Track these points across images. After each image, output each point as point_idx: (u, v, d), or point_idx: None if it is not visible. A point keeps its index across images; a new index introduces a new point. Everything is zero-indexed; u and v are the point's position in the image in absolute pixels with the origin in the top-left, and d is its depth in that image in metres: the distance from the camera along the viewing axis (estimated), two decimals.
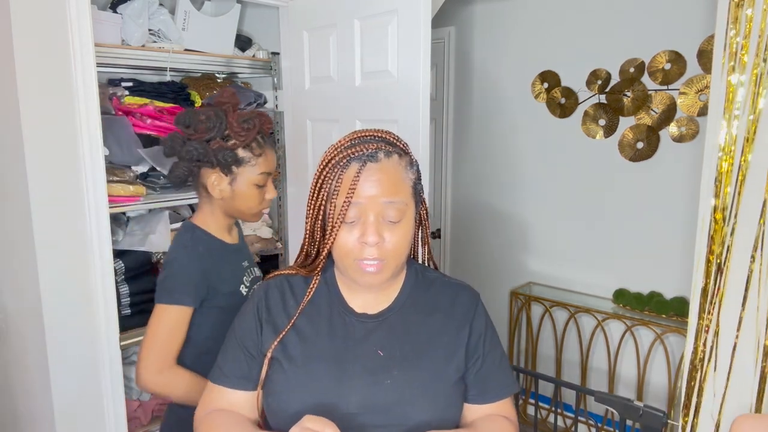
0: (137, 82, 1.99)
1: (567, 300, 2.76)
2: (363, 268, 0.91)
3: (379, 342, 0.97)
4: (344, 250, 0.92)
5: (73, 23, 1.53)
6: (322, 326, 0.99)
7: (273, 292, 1.03)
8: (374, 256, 0.90)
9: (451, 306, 1.02)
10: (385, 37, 1.75)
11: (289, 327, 0.98)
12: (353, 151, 0.90)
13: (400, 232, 0.91)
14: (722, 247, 1.41)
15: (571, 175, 2.80)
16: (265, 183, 1.33)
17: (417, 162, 1.00)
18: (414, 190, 0.96)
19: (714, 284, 1.44)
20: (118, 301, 1.72)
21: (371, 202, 0.89)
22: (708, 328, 1.46)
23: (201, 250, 1.30)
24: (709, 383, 1.47)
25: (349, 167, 0.90)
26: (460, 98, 3.21)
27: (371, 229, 0.89)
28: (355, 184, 0.89)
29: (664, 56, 2.43)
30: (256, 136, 1.28)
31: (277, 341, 0.98)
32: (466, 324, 1.00)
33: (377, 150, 0.92)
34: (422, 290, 1.03)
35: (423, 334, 0.99)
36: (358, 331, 0.98)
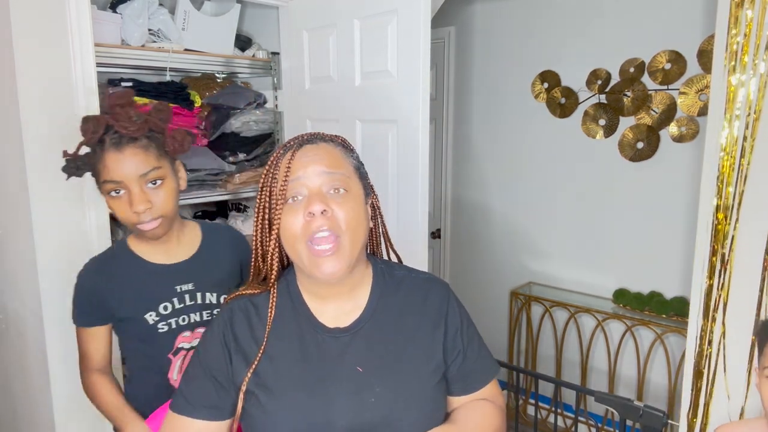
0: (137, 82, 1.99)
1: (567, 300, 2.76)
2: (317, 254, 0.85)
3: (356, 358, 0.91)
4: (291, 233, 0.86)
5: (73, 23, 1.53)
6: (294, 348, 0.92)
7: (237, 316, 0.95)
8: (324, 227, 0.84)
9: (423, 304, 0.98)
10: (385, 37, 1.75)
11: (260, 355, 0.91)
12: (288, 143, 0.92)
13: (348, 204, 0.87)
14: (725, 246, 1.41)
15: (571, 175, 2.80)
16: (118, 191, 1.14)
17: (357, 154, 0.98)
18: (358, 172, 0.94)
19: (717, 284, 1.44)
20: None
21: (311, 174, 0.86)
22: (713, 327, 1.46)
23: (98, 272, 1.23)
24: (720, 384, 1.47)
25: (287, 152, 0.90)
26: (460, 98, 3.21)
27: (316, 197, 0.85)
28: (291, 162, 0.87)
29: (664, 56, 2.43)
30: (94, 138, 1.13)
31: (249, 373, 0.90)
32: (441, 321, 0.97)
33: (315, 137, 0.93)
34: (391, 292, 0.98)
35: (399, 340, 0.94)
36: (333, 348, 0.92)
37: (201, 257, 1.30)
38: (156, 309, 1.23)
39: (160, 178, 1.16)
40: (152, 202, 1.14)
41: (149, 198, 1.14)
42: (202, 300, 1.28)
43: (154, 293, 1.24)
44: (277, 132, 2.29)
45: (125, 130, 1.12)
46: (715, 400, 1.47)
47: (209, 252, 1.31)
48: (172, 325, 1.25)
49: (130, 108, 1.16)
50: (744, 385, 1.43)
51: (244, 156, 2.20)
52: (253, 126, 2.20)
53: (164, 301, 1.24)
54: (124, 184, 1.12)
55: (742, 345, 1.43)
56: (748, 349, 1.42)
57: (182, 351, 1.27)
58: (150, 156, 1.15)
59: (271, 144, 2.28)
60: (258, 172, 2.23)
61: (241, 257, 1.36)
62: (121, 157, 1.12)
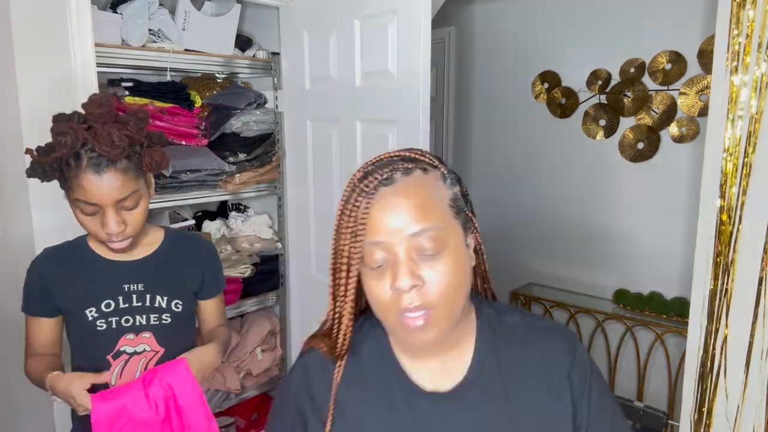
0: (137, 82, 1.99)
1: (567, 300, 2.76)
2: (407, 324, 0.70)
3: (458, 427, 0.75)
4: (378, 305, 0.73)
5: (73, 23, 1.53)
6: (383, 412, 0.77)
7: (314, 371, 0.81)
8: (416, 304, 0.69)
9: (543, 362, 0.79)
10: (385, 37, 1.75)
11: (331, 413, 0.77)
12: (365, 184, 0.71)
13: (443, 267, 0.70)
14: (729, 247, 1.41)
15: (572, 175, 2.80)
16: (91, 212, 1.10)
17: (456, 176, 0.78)
18: (454, 208, 0.74)
19: (721, 285, 1.44)
20: None
21: (394, 238, 0.70)
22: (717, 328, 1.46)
23: (48, 260, 1.21)
24: (721, 385, 1.47)
25: (359, 202, 0.71)
26: (460, 98, 3.21)
27: (401, 271, 0.69)
28: (365, 217, 0.70)
29: (665, 56, 2.43)
30: (69, 154, 1.06)
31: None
32: (565, 381, 0.78)
33: (393, 171, 0.72)
34: (503, 345, 0.80)
35: (516, 405, 0.76)
36: (432, 418, 0.76)
37: (156, 258, 1.26)
38: (98, 305, 1.19)
39: (135, 202, 1.14)
40: (126, 223, 1.12)
41: (124, 220, 1.12)
42: (152, 302, 1.23)
43: (98, 289, 1.20)
44: (277, 132, 2.29)
45: (107, 155, 1.07)
46: (717, 401, 1.47)
47: (166, 255, 1.27)
48: (113, 324, 1.20)
49: (111, 126, 1.09)
50: (741, 385, 1.43)
51: (245, 156, 2.20)
52: (254, 126, 2.20)
53: (108, 298, 1.20)
54: (100, 206, 1.09)
55: (741, 345, 1.43)
56: (747, 349, 1.42)
57: (124, 355, 1.21)
58: (128, 179, 1.11)
59: (272, 144, 2.28)
60: (258, 172, 2.23)
61: (205, 269, 1.33)
62: (100, 181, 1.07)
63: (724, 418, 1.46)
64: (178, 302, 1.27)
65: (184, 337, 1.30)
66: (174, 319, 1.26)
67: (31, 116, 1.51)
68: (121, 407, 1.07)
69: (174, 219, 2.24)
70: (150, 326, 1.23)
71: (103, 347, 1.19)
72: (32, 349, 1.24)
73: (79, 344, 1.23)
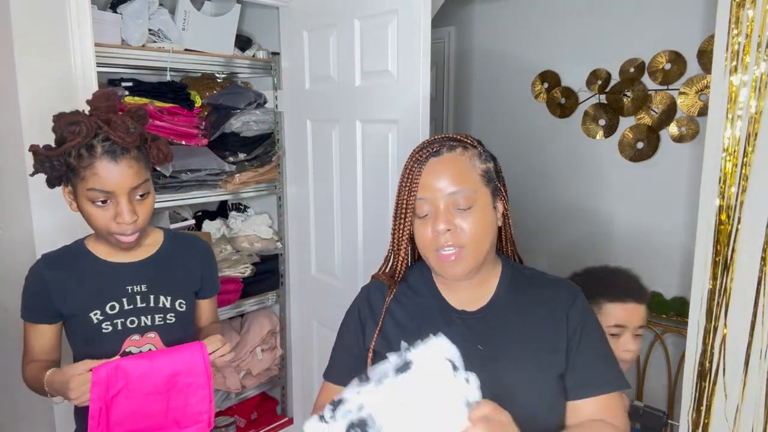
0: (137, 82, 1.99)
1: None
2: (443, 259, 0.95)
3: (478, 338, 0.98)
4: (422, 244, 0.98)
5: (73, 23, 1.53)
6: (423, 320, 1.02)
7: (374, 293, 1.09)
8: (450, 243, 0.93)
9: (551, 300, 1.01)
10: (385, 37, 1.75)
11: (382, 319, 1.03)
12: (420, 154, 0.97)
13: (472, 218, 0.94)
14: (728, 247, 1.41)
15: (571, 175, 2.80)
16: (104, 200, 1.10)
17: (492, 156, 1.03)
18: (485, 177, 0.98)
19: (720, 284, 1.44)
20: None
21: (437, 194, 0.94)
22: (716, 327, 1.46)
23: (47, 266, 1.20)
24: (719, 384, 1.47)
25: (415, 167, 0.97)
26: (460, 98, 3.21)
27: (440, 218, 0.93)
28: (417, 178, 0.95)
29: (664, 56, 2.43)
30: (84, 143, 1.08)
31: (377, 333, 1.03)
32: (563, 317, 0.99)
33: (441, 146, 0.97)
34: (520, 288, 1.03)
35: (523, 332, 0.98)
36: (458, 326, 1.00)
37: (157, 259, 1.26)
38: (102, 308, 1.19)
39: (147, 190, 1.15)
40: (137, 214, 1.13)
41: (135, 210, 1.12)
42: (155, 303, 1.23)
43: (102, 291, 1.20)
44: (277, 132, 2.29)
45: (122, 141, 1.09)
46: (716, 400, 1.47)
47: (167, 255, 1.28)
48: (118, 326, 1.20)
49: (127, 116, 1.13)
50: (741, 384, 1.43)
51: (244, 156, 2.20)
52: (253, 126, 2.20)
53: (112, 300, 1.20)
54: (115, 194, 1.10)
55: (740, 345, 1.43)
56: (746, 348, 1.42)
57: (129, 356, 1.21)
58: (141, 167, 1.13)
59: (271, 144, 2.28)
60: (258, 171, 2.23)
61: (204, 268, 1.34)
62: (116, 167, 1.08)
63: (722, 417, 1.46)
64: (182, 302, 1.27)
65: (187, 336, 1.30)
66: (178, 318, 1.26)
67: (31, 116, 1.51)
68: (123, 371, 1.07)
69: (174, 219, 2.24)
70: (155, 326, 1.23)
71: (109, 349, 1.19)
72: (31, 356, 1.23)
73: (84, 347, 1.22)
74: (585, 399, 0.97)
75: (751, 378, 1.41)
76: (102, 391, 1.06)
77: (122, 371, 1.08)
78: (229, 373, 2.26)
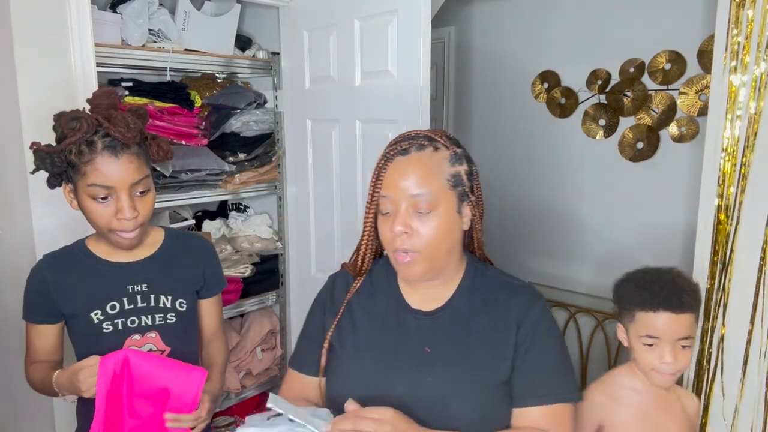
0: (137, 82, 1.99)
1: (567, 300, 2.76)
2: (398, 259, 0.95)
3: (428, 339, 0.98)
4: (383, 242, 0.99)
5: (73, 23, 1.53)
6: (377, 318, 1.04)
7: (339, 284, 1.11)
8: (404, 247, 0.93)
9: (506, 305, 0.99)
10: (385, 37, 1.75)
11: (339, 315, 1.05)
12: (390, 149, 0.97)
13: (431, 223, 0.92)
14: (726, 247, 1.41)
15: (571, 175, 2.80)
16: (105, 196, 1.10)
17: (467, 157, 1.00)
18: (452, 181, 0.95)
19: (719, 284, 1.44)
20: None
21: (399, 194, 0.93)
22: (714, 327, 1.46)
23: (47, 266, 1.20)
24: (717, 384, 1.47)
25: (382, 163, 0.96)
26: (460, 98, 3.21)
27: (398, 219, 0.93)
28: (383, 175, 0.95)
29: (664, 56, 2.43)
30: (84, 138, 1.08)
31: (332, 327, 1.04)
32: (514, 324, 0.97)
33: (411, 145, 0.95)
34: (479, 289, 1.02)
35: (473, 333, 0.98)
36: (410, 326, 1.01)
37: (158, 258, 1.26)
38: (103, 308, 1.19)
39: (148, 186, 1.16)
40: (138, 211, 1.13)
41: (136, 206, 1.13)
42: (156, 302, 1.23)
43: (102, 291, 1.20)
44: (277, 132, 2.29)
45: (122, 137, 1.09)
46: (715, 400, 1.47)
47: (168, 254, 1.28)
48: (119, 326, 1.20)
49: (127, 113, 1.14)
50: (739, 384, 1.43)
51: (244, 156, 2.20)
52: (253, 126, 2.20)
53: (113, 300, 1.20)
54: (115, 190, 1.10)
55: (738, 344, 1.43)
56: (744, 348, 1.42)
57: None
58: (142, 163, 1.14)
59: (271, 144, 2.28)
60: (258, 171, 2.23)
61: (205, 267, 1.33)
62: (117, 162, 1.09)
63: (720, 417, 1.47)
64: (182, 301, 1.26)
65: (188, 336, 1.30)
66: (179, 318, 1.26)
67: (32, 117, 1.51)
68: (127, 367, 1.08)
69: (174, 219, 2.24)
70: (155, 326, 1.23)
71: (109, 349, 1.17)
72: (34, 357, 1.23)
73: (85, 347, 1.22)
74: (527, 408, 0.95)
75: (750, 377, 1.41)
76: (108, 382, 1.06)
77: (126, 367, 1.08)
78: (229, 373, 2.26)
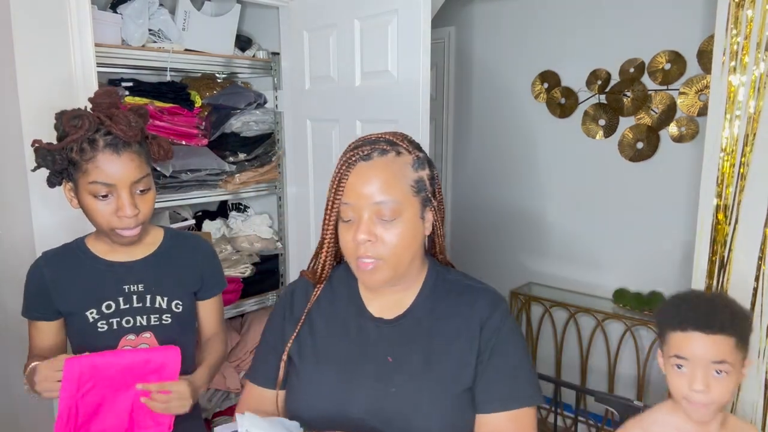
0: (137, 82, 1.99)
1: (567, 300, 2.76)
2: (361, 267, 0.92)
3: (390, 348, 0.96)
4: (344, 249, 0.95)
5: (73, 23, 1.53)
6: (337, 328, 1.00)
7: (298, 293, 1.06)
8: (368, 255, 0.90)
9: (468, 310, 0.96)
10: (385, 37, 1.75)
11: (299, 326, 1.01)
12: (351, 154, 0.92)
13: (395, 230, 0.90)
14: (724, 246, 1.42)
15: (571, 175, 2.80)
16: (106, 194, 1.11)
17: (429, 161, 0.97)
18: (414, 187, 0.92)
19: (717, 283, 1.44)
20: None
21: (361, 201, 0.90)
22: None
23: (46, 264, 1.21)
24: None
25: (343, 169, 0.92)
26: (460, 98, 3.21)
27: (361, 227, 0.90)
28: (344, 183, 0.91)
29: (664, 56, 2.43)
30: (86, 136, 1.09)
31: (291, 339, 1.00)
32: (478, 329, 0.94)
33: (373, 150, 0.91)
34: (441, 294, 0.99)
35: (436, 341, 0.95)
36: (372, 335, 0.97)
37: (155, 259, 1.26)
38: (98, 307, 1.19)
39: (148, 185, 1.16)
40: (139, 209, 1.14)
41: (136, 204, 1.13)
42: (152, 303, 1.23)
43: (99, 290, 1.20)
44: (277, 132, 2.29)
45: (123, 135, 1.10)
46: None
47: (166, 255, 1.28)
48: (114, 325, 1.20)
49: (129, 111, 1.14)
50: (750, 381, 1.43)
51: (244, 156, 2.20)
52: (254, 126, 2.21)
53: (108, 299, 1.20)
54: (116, 188, 1.11)
55: None
56: None
57: None
58: (142, 162, 1.15)
59: (271, 144, 2.28)
60: (258, 171, 2.23)
61: (204, 268, 1.33)
62: (118, 160, 1.10)
63: None
64: (179, 302, 1.26)
65: (184, 337, 1.30)
66: (174, 319, 1.26)
67: (32, 117, 1.51)
68: (92, 366, 1.07)
69: (174, 219, 2.24)
70: (150, 326, 1.23)
71: (104, 348, 1.18)
72: (33, 353, 1.23)
73: (80, 346, 1.23)
74: (492, 413, 0.92)
75: (749, 378, 1.41)
76: (73, 389, 1.06)
77: (94, 371, 1.07)
78: (229, 373, 2.26)
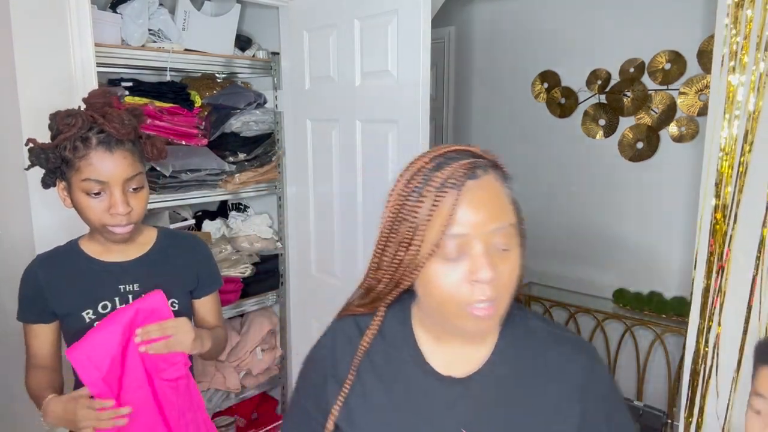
0: (137, 82, 1.99)
1: (567, 300, 2.76)
2: (475, 314, 0.70)
3: (464, 416, 0.77)
4: (447, 295, 0.71)
5: (73, 23, 1.53)
6: (396, 388, 0.80)
7: (341, 342, 0.86)
8: (488, 296, 0.69)
9: (557, 368, 0.79)
10: (385, 37, 1.75)
11: (347, 387, 0.81)
12: (453, 171, 0.70)
13: (511, 261, 0.72)
14: (723, 246, 1.41)
15: (571, 175, 2.80)
16: (99, 192, 1.11)
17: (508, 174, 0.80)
18: (516, 208, 0.77)
19: (715, 283, 1.44)
20: None
21: (477, 231, 0.69)
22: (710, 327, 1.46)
23: (40, 266, 1.21)
24: (712, 383, 1.47)
25: (448, 192, 0.70)
26: (460, 98, 3.21)
27: (485, 263, 0.69)
28: (454, 210, 0.69)
29: (664, 56, 2.43)
30: (79, 134, 1.09)
31: (339, 403, 0.81)
32: (577, 395, 0.78)
33: (475, 165, 0.71)
34: (522, 345, 0.81)
35: (522, 408, 0.77)
36: (439, 399, 0.78)
37: (149, 258, 1.26)
38: (94, 307, 1.19)
39: (141, 183, 1.17)
40: (131, 207, 1.14)
41: (129, 202, 1.14)
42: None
43: (94, 291, 1.20)
44: (277, 132, 2.29)
45: (116, 132, 1.10)
46: (710, 398, 1.47)
47: (160, 254, 1.28)
48: None
49: (123, 111, 1.15)
50: (732, 383, 1.43)
51: (244, 156, 2.20)
52: (253, 126, 2.21)
53: (104, 299, 1.20)
54: (109, 185, 1.11)
55: (733, 344, 1.43)
56: (738, 347, 1.42)
57: None
58: (135, 160, 1.15)
59: (271, 144, 2.28)
60: (258, 171, 2.23)
61: (199, 266, 1.33)
62: (111, 157, 1.10)
63: (714, 416, 1.46)
64: (175, 301, 1.26)
65: None
66: None
67: (32, 116, 1.51)
68: (94, 344, 1.08)
69: (174, 219, 2.24)
70: None
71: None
72: (33, 360, 1.23)
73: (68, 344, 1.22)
74: None
75: (744, 377, 1.41)
76: (93, 372, 1.06)
77: (98, 346, 1.08)
78: (229, 373, 2.26)
